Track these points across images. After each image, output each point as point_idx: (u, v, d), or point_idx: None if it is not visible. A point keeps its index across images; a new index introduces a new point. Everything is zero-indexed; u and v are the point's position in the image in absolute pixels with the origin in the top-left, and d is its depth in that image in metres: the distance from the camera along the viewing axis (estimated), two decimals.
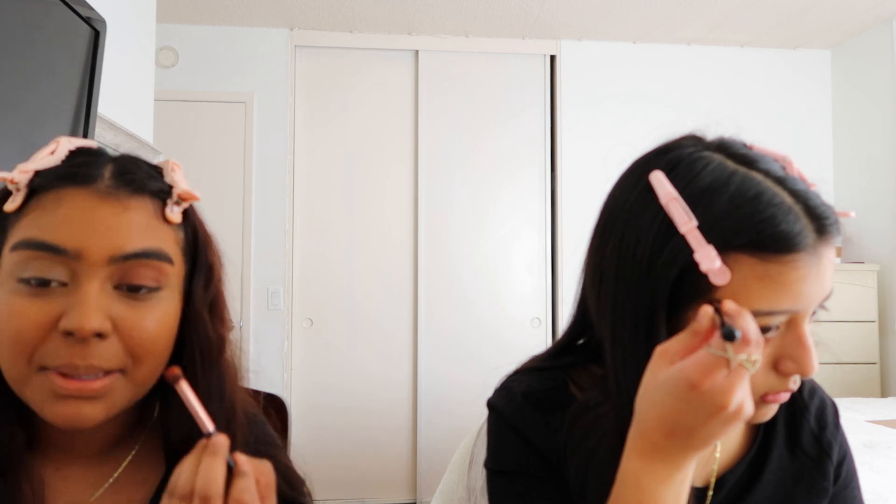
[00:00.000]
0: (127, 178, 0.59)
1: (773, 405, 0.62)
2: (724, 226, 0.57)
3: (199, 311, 0.63)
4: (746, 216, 0.57)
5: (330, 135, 3.42)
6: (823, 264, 0.59)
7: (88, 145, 0.63)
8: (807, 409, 0.75)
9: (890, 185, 3.23)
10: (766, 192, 0.58)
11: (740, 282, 0.57)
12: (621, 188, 0.66)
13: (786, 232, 0.57)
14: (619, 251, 0.63)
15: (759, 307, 0.57)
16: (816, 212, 0.58)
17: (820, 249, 0.58)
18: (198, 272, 0.64)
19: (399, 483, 3.34)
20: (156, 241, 0.59)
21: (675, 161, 0.63)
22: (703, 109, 3.55)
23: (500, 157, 3.48)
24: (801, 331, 0.59)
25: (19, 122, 1.38)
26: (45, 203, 0.57)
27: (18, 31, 1.34)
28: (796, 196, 0.59)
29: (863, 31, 3.40)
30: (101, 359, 0.55)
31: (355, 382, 3.35)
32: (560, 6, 3.12)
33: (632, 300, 0.61)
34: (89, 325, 0.54)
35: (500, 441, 0.73)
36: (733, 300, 0.56)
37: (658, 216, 0.60)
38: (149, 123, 2.43)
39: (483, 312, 3.40)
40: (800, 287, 0.57)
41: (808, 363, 0.58)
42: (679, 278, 0.59)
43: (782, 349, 0.59)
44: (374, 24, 3.33)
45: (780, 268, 0.57)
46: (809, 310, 0.59)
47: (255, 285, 3.30)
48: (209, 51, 3.34)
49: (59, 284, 0.55)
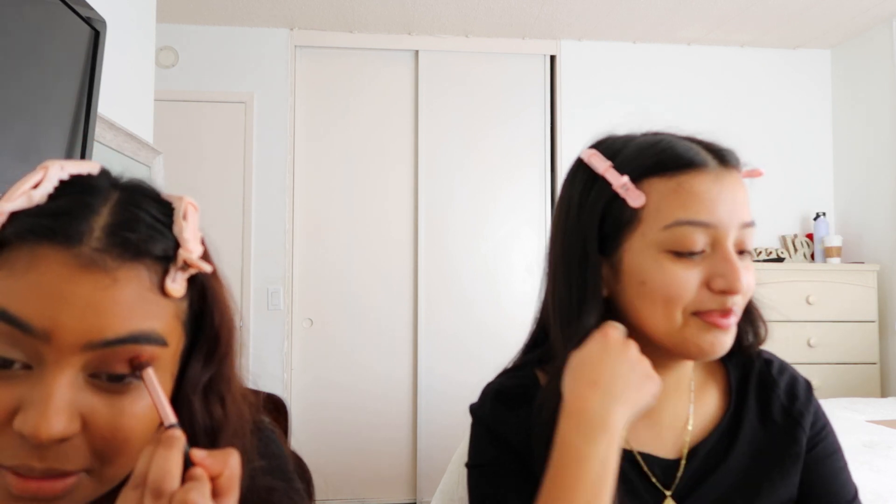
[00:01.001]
0: (121, 237, 0.47)
1: (720, 333, 0.67)
2: (634, 161, 0.69)
3: (187, 397, 0.52)
4: (651, 150, 0.69)
5: (330, 135, 3.42)
6: (732, 187, 0.67)
7: (83, 173, 0.51)
8: (776, 384, 0.78)
9: (890, 185, 3.23)
10: (667, 137, 0.71)
11: (657, 200, 0.67)
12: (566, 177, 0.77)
13: (684, 152, 0.68)
14: (559, 215, 0.75)
15: (679, 217, 0.65)
16: (713, 147, 0.70)
17: (723, 174, 0.67)
18: (198, 348, 0.54)
19: (399, 483, 3.34)
20: (147, 320, 0.47)
21: (600, 140, 0.76)
22: (703, 109, 3.55)
23: (500, 157, 3.48)
24: (727, 250, 0.66)
25: (19, 123, 1.38)
26: (16, 261, 0.45)
27: (18, 31, 1.34)
28: (696, 141, 0.71)
29: (863, 31, 3.40)
30: (63, 461, 0.46)
31: (355, 382, 3.35)
32: (560, 6, 3.12)
33: (569, 246, 0.72)
34: (48, 433, 0.43)
35: (475, 439, 0.77)
36: (655, 218, 0.66)
37: (585, 177, 0.72)
38: (149, 123, 2.43)
39: (483, 312, 3.40)
40: (709, 199, 0.66)
41: (734, 278, 0.65)
42: (605, 214, 0.69)
43: (711, 268, 0.66)
44: (374, 24, 3.33)
45: (687, 178, 0.66)
46: (728, 229, 0.66)
47: (255, 285, 3.30)
48: (209, 51, 3.34)
49: (22, 366, 0.45)
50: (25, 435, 0.44)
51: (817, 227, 3.43)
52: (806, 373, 0.84)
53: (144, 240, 0.48)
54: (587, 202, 0.70)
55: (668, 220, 0.65)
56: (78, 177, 0.50)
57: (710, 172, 0.67)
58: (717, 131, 0.73)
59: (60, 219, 0.46)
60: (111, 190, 0.50)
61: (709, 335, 0.66)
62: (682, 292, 0.65)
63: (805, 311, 3.11)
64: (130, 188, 0.52)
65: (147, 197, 0.51)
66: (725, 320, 0.66)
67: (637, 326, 0.69)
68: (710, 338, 0.66)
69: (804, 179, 3.61)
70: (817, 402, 0.79)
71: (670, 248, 0.66)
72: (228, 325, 0.55)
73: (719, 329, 0.66)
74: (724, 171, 0.68)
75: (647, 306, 0.67)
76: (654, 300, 0.67)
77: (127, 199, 0.50)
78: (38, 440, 0.44)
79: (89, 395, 0.47)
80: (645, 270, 0.67)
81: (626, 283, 0.69)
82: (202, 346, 0.54)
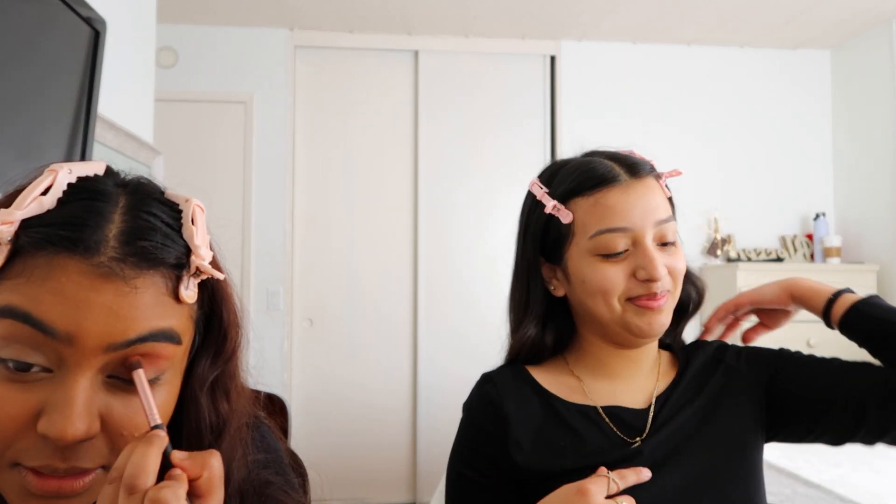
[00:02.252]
0: (136, 246, 0.48)
1: (655, 314, 0.80)
2: (561, 185, 0.85)
3: (195, 394, 0.54)
4: (574, 173, 0.84)
5: (330, 135, 3.42)
6: (643, 193, 0.81)
7: (89, 174, 0.52)
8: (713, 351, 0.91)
9: (890, 186, 3.23)
10: (589, 160, 0.86)
11: (582, 216, 0.82)
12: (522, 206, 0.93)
13: (599, 173, 0.82)
14: (517, 235, 0.92)
15: (599, 227, 0.80)
16: (626, 160, 0.84)
17: (634, 184, 0.81)
18: (206, 347, 0.55)
19: (399, 483, 3.34)
20: (164, 320, 0.49)
21: (547, 166, 0.92)
22: (703, 109, 3.55)
23: (500, 157, 3.48)
24: (644, 245, 0.79)
25: (19, 123, 1.38)
26: (33, 268, 0.46)
27: (19, 31, 1.34)
28: (613, 158, 0.85)
29: (863, 31, 3.40)
30: (84, 460, 0.47)
31: (355, 382, 3.35)
32: (560, 6, 3.12)
33: (522, 258, 0.90)
34: (73, 434, 0.45)
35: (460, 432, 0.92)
36: (583, 231, 0.81)
37: (530, 201, 0.89)
38: (149, 123, 2.43)
39: (483, 314, 3.40)
40: (622, 208, 0.80)
41: (652, 267, 0.78)
42: (546, 231, 0.85)
43: (635, 262, 0.80)
44: (374, 25, 3.33)
45: (602, 194, 0.81)
46: (644, 230, 0.80)
47: (255, 285, 3.30)
48: (209, 51, 3.34)
49: (41, 370, 0.46)
50: (51, 437, 0.45)
51: (817, 228, 3.43)
52: None
53: (159, 248, 0.49)
54: (532, 222, 0.88)
55: (591, 231, 0.80)
56: (85, 179, 0.51)
57: (621, 185, 0.81)
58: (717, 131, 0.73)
59: (75, 229, 0.47)
60: (119, 192, 0.51)
61: (644, 317, 0.80)
62: (613, 285, 0.80)
63: (805, 311, 3.11)
64: (137, 189, 0.53)
65: (155, 199, 0.52)
66: (654, 302, 0.79)
67: (589, 317, 0.84)
68: (647, 318, 0.80)
69: (804, 179, 3.61)
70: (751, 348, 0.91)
71: (598, 252, 0.80)
72: (236, 326, 0.57)
73: (651, 310, 0.80)
74: (634, 181, 0.81)
75: (590, 300, 0.82)
76: (594, 294, 0.81)
77: (136, 204, 0.51)
78: (64, 441, 0.45)
79: (107, 395, 0.48)
80: (583, 272, 0.81)
81: (573, 283, 0.83)
82: (211, 345, 0.55)
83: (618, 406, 0.84)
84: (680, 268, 0.82)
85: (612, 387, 0.86)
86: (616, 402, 0.84)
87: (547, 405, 0.84)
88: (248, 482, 0.59)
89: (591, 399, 0.85)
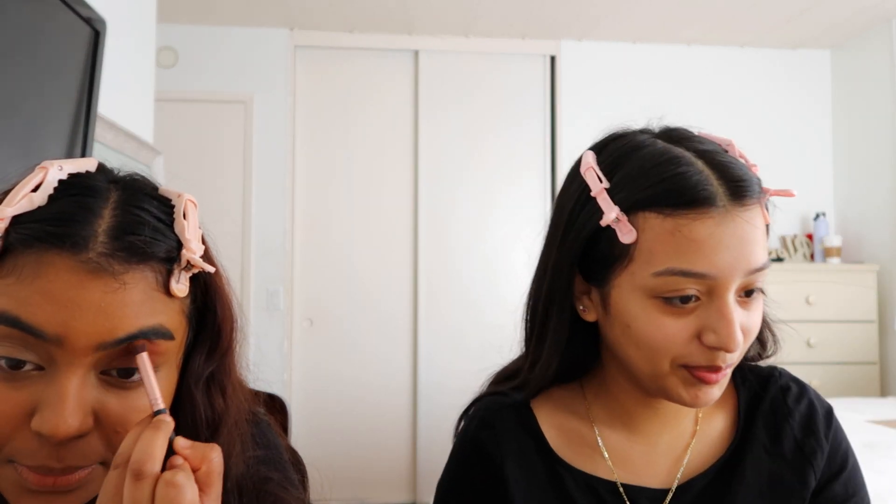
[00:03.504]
0: (125, 241, 0.47)
1: (710, 387, 0.61)
2: (630, 186, 0.60)
3: (190, 390, 0.53)
4: (651, 175, 0.59)
5: (330, 135, 3.42)
6: (742, 230, 0.57)
7: (81, 170, 0.51)
8: (790, 415, 0.70)
9: (890, 185, 3.23)
10: (680, 157, 0.60)
11: (651, 240, 0.58)
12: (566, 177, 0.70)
13: (689, 187, 0.57)
14: (553, 218, 0.69)
15: (673, 265, 0.57)
16: (731, 174, 0.58)
17: (735, 212, 0.57)
18: (201, 342, 0.55)
19: (399, 483, 3.34)
20: (154, 316, 0.48)
21: (606, 141, 0.67)
22: (703, 109, 3.55)
23: (500, 157, 3.48)
24: (723, 301, 0.58)
25: (19, 123, 1.38)
26: (23, 267, 0.45)
27: (18, 31, 1.34)
28: (712, 163, 0.59)
29: (863, 31, 3.40)
30: (79, 457, 0.47)
31: (355, 383, 3.35)
32: (560, 6, 3.12)
33: (553, 259, 0.67)
34: (66, 430, 0.45)
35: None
36: (647, 260, 0.59)
37: (579, 190, 0.64)
38: (149, 123, 2.43)
39: (483, 314, 3.40)
40: (711, 247, 0.56)
41: (728, 335, 0.57)
42: (593, 240, 0.62)
43: (705, 320, 0.59)
44: (374, 25, 3.33)
45: (688, 223, 0.57)
46: (730, 280, 0.58)
47: (255, 285, 3.30)
48: (209, 51, 3.34)
49: (34, 368, 0.46)
50: (44, 434, 0.45)
51: (817, 227, 3.43)
52: (806, 373, 0.81)
53: (148, 242, 0.48)
54: (577, 221, 0.64)
55: (659, 266, 0.58)
56: (76, 176, 0.51)
57: (715, 213, 0.57)
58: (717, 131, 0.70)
59: (64, 224, 0.46)
60: (110, 188, 0.51)
61: (693, 389, 0.61)
62: (669, 345, 0.59)
63: (805, 311, 3.11)
64: (129, 185, 0.52)
65: (146, 195, 0.52)
66: (714, 375, 0.60)
67: (621, 360, 0.66)
68: (696, 391, 0.61)
69: (804, 179, 3.61)
70: (839, 434, 0.71)
71: (659, 294, 0.59)
72: (230, 320, 0.56)
73: (706, 384, 0.61)
74: (735, 208, 0.58)
75: (632, 349, 0.62)
76: (639, 346, 0.61)
77: (127, 199, 0.50)
78: (57, 439, 0.45)
79: (101, 391, 0.48)
80: (631, 314, 0.61)
81: (613, 320, 0.63)
82: (205, 341, 0.55)
83: (637, 486, 0.67)
84: (756, 327, 0.62)
85: (631, 444, 0.69)
86: (634, 475, 0.68)
87: (552, 473, 0.68)
88: (246, 478, 0.59)
89: (606, 464, 0.69)
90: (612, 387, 0.70)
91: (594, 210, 0.62)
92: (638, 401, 0.68)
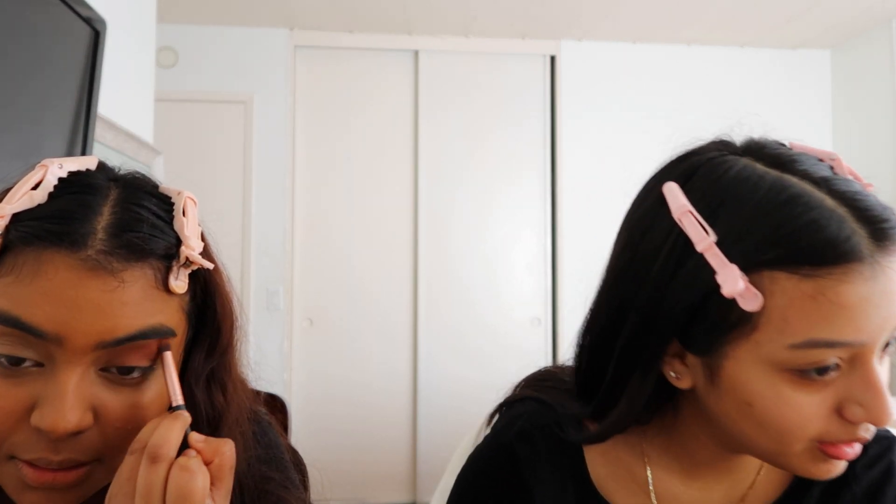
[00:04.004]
0: (124, 238, 0.47)
1: (837, 462, 0.51)
2: (750, 238, 0.48)
3: (190, 388, 0.54)
4: (777, 225, 0.47)
5: (330, 135, 3.42)
6: (892, 283, 0.47)
7: (81, 168, 0.52)
8: (856, 480, 0.59)
9: (890, 185, 3.23)
10: (803, 194, 0.48)
11: (785, 306, 0.47)
12: (636, 205, 0.58)
13: (829, 239, 0.46)
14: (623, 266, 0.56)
15: (816, 336, 0.46)
16: (869, 214, 0.48)
17: (883, 263, 0.46)
18: (201, 339, 0.55)
19: (399, 483, 3.34)
20: (154, 315, 0.48)
21: (692, 168, 0.54)
22: (703, 109, 3.55)
23: (500, 157, 3.48)
24: (869, 368, 0.48)
25: (19, 123, 1.38)
26: (22, 266, 0.46)
27: (18, 31, 1.34)
28: (842, 198, 0.49)
29: (863, 31, 3.40)
30: (77, 452, 0.48)
31: (355, 382, 3.35)
32: (560, 6, 3.12)
33: (634, 319, 0.54)
34: (64, 426, 0.45)
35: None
36: (779, 329, 0.47)
37: (673, 233, 0.52)
38: (149, 123, 2.43)
39: (483, 313, 3.40)
40: (863, 310, 0.46)
41: (879, 409, 0.47)
42: (702, 305, 0.50)
43: (847, 391, 0.48)
44: (374, 24, 3.33)
45: (833, 284, 0.46)
46: (878, 343, 0.48)
47: (255, 285, 3.30)
48: (209, 51, 3.34)
49: (33, 364, 0.47)
50: (43, 430, 0.46)
51: None
52: None
53: (147, 239, 0.48)
54: (675, 283, 0.51)
55: (798, 337, 0.47)
56: (76, 174, 0.51)
57: (864, 269, 0.46)
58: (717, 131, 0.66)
59: (63, 222, 0.46)
60: (110, 186, 0.51)
61: (825, 465, 0.51)
62: (805, 425, 0.49)
63: None
64: (129, 183, 0.53)
65: (146, 192, 0.52)
66: (853, 450, 0.50)
67: (733, 435, 0.54)
68: (828, 466, 0.51)
69: None
70: None
71: (794, 367, 0.48)
72: (230, 317, 0.56)
73: (841, 459, 0.50)
74: (883, 255, 0.47)
75: (752, 428, 0.51)
76: (764, 426, 0.50)
77: (126, 196, 0.51)
78: (56, 434, 0.45)
79: (100, 388, 0.48)
80: (755, 391, 0.49)
81: (725, 394, 0.52)
82: (205, 338, 0.55)
83: None
84: (887, 380, 0.51)
85: (684, 488, 0.62)
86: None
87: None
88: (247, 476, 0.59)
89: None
90: (686, 437, 0.60)
91: (699, 268, 0.49)
92: (712, 452, 0.59)
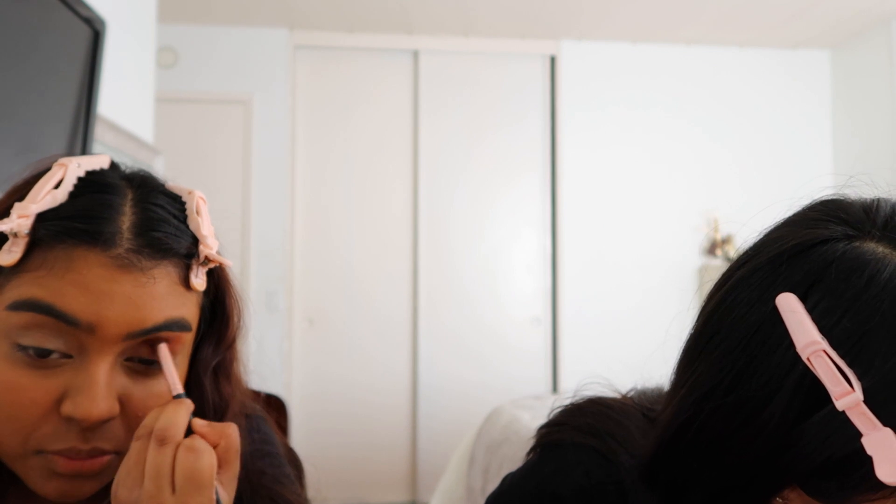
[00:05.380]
0: (149, 237, 0.50)
1: None
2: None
3: (199, 377, 0.57)
4: None
5: (330, 134, 3.43)
6: None
7: (96, 167, 0.54)
8: None
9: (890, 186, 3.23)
10: None
11: None
12: (731, 308, 0.44)
13: None
14: (734, 411, 0.41)
15: None
16: None
17: None
18: (211, 332, 0.58)
19: (398, 483, 3.34)
20: (178, 308, 0.52)
21: (817, 270, 0.40)
22: (703, 109, 3.55)
23: (500, 157, 3.48)
24: None
25: (19, 123, 1.38)
26: (52, 261, 0.48)
27: (18, 31, 1.34)
28: None
29: (863, 31, 3.40)
30: (104, 441, 0.50)
31: (355, 382, 3.36)
32: (560, 6, 3.12)
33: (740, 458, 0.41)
34: (98, 414, 0.48)
35: None
36: None
37: (795, 371, 0.38)
38: (149, 124, 2.43)
39: (483, 313, 3.40)
40: None
41: None
42: (837, 465, 0.37)
43: None
44: (374, 25, 3.33)
45: None
46: None
47: (255, 285, 3.30)
48: (209, 51, 3.34)
49: (60, 356, 0.48)
50: (76, 418, 0.48)
51: None
52: None
53: (171, 238, 0.52)
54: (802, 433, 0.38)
55: None
56: (92, 173, 0.53)
57: None
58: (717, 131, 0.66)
59: (91, 221, 0.49)
60: (125, 185, 0.53)
61: None
62: None
63: None
64: (142, 182, 0.55)
65: (159, 192, 0.55)
66: None
67: None
68: None
69: (804, 179, 3.61)
70: None
71: None
72: (238, 311, 0.59)
73: None
74: None
75: None
76: None
77: (143, 196, 0.53)
78: (89, 422, 0.48)
79: (125, 377, 0.51)
80: None
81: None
82: (215, 331, 0.58)
83: None
84: None
85: None
86: None
87: None
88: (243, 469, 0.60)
89: None
90: None
91: (837, 425, 0.37)
92: None
